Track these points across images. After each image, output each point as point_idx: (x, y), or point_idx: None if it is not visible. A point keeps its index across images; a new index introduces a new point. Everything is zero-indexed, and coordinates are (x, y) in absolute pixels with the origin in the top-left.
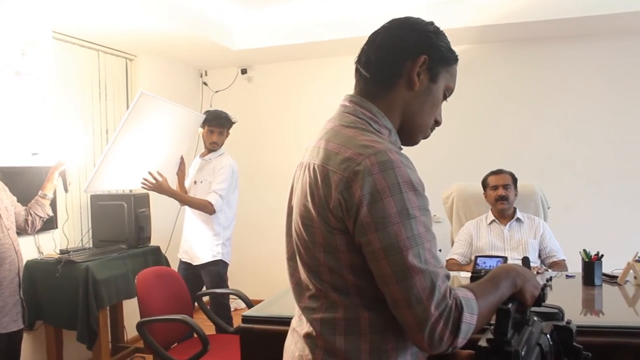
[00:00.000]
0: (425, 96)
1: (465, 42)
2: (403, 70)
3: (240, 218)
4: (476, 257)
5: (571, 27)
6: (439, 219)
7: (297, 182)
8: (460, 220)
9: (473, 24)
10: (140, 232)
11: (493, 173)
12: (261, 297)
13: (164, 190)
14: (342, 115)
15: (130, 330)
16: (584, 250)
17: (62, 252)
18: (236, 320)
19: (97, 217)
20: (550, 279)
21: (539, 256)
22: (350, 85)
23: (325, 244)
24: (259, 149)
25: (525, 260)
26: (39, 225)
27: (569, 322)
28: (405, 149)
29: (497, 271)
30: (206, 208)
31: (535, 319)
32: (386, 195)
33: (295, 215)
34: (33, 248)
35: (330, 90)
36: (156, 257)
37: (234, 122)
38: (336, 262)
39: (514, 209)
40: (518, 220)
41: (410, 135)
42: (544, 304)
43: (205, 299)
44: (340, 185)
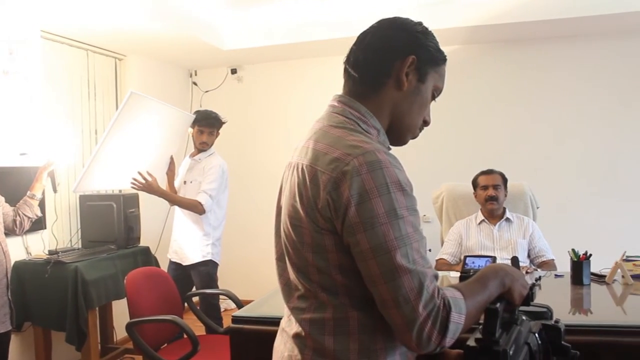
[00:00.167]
0: (413, 96)
1: (455, 43)
2: (391, 70)
3: (230, 218)
4: (465, 257)
5: (561, 28)
6: (428, 219)
7: (286, 183)
8: (450, 220)
9: (463, 24)
10: (129, 233)
11: (483, 173)
12: (251, 298)
13: (154, 190)
14: (331, 115)
15: (120, 331)
16: (573, 250)
17: (51, 253)
18: (226, 321)
19: (86, 218)
20: (539, 279)
21: (528, 256)
22: (340, 86)
23: (314, 244)
24: (249, 149)
25: (515, 260)
26: (27, 225)
27: (558, 321)
28: (395, 149)
29: (486, 271)
30: (196, 208)
31: (523, 318)
32: (374, 195)
33: (284, 215)
34: (21, 249)
35: (320, 90)
36: (146, 258)
37: (224, 122)
38: (325, 263)
39: (504, 209)
40: (507, 220)
41: (399, 136)
42: (533, 303)
43: (195, 299)
44: (328, 185)
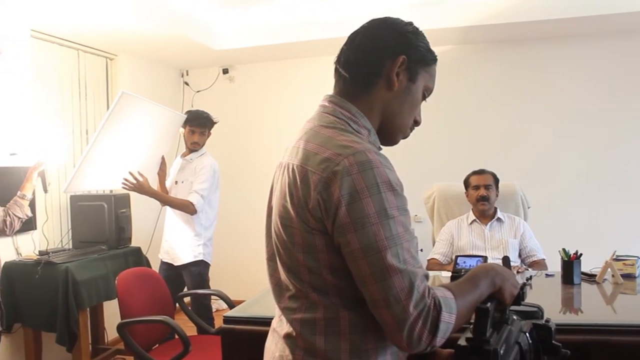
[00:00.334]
0: (404, 96)
1: (447, 43)
2: (382, 70)
3: (221, 218)
4: (456, 257)
5: (553, 28)
6: (420, 219)
7: (277, 183)
8: (442, 220)
9: (455, 24)
10: (120, 233)
11: (475, 173)
12: (242, 298)
13: (145, 190)
14: (322, 115)
15: (111, 332)
16: (563, 250)
17: (42, 254)
18: (217, 321)
19: (77, 218)
20: (530, 278)
21: (519, 255)
22: (331, 86)
23: (305, 244)
24: (240, 149)
25: (506, 260)
26: (17, 226)
27: (548, 321)
28: (387, 149)
29: (476, 270)
30: (187, 208)
31: (514, 317)
32: (365, 195)
33: (275, 215)
34: (11, 249)
35: (311, 90)
36: (137, 258)
37: (216, 122)
38: (315, 263)
39: (495, 209)
40: (499, 220)
41: (389, 136)
42: (524, 302)
43: (187, 299)
44: (319, 185)
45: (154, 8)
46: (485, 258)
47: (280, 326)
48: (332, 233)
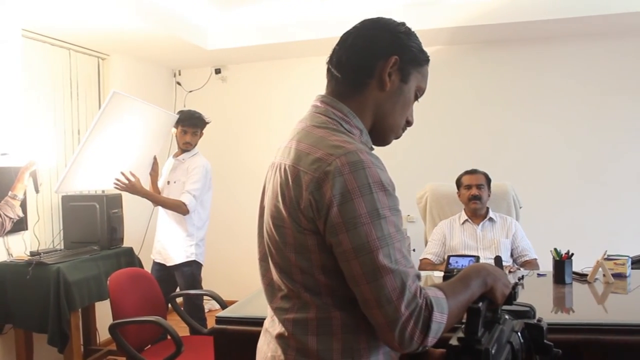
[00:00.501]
0: (396, 96)
1: (438, 43)
2: (374, 70)
3: (214, 218)
4: (449, 257)
5: (544, 29)
6: (412, 219)
7: (269, 183)
8: (434, 220)
9: (447, 25)
10: (112, 233)
11: (467, 172)
12: (235, 298)
13: (137, 190)
14: (314, 115)
15: (103, 333)
16: (555, 249)
17: (33, 254)
18: (210, 322)
19: (69, 218)
20: (522, 278)
21: (511, 255)
22: (323, 86)
23: (296, 244)
24: (232, 149)
25: (498, 260)
26: (8, 226)
27: (540, 320)
28: (379, 150)
29: (468, 270)
30: (180, 208)
31: (506, 317)
32: (356, 195)
33: (267, 216)
34: (2, 250)
35: (304, 90)
36: (129, 259)
37: (208, 122)
38: (307, 263)
39: (487, 209)
40: (491, 219)
41: (381, 136)
42: (516, 302)
43: (179, 300)
44: (311, 185)
45: (146, 8)
46: (477, 258)
47: (272, 326)
48: (324, 233)
